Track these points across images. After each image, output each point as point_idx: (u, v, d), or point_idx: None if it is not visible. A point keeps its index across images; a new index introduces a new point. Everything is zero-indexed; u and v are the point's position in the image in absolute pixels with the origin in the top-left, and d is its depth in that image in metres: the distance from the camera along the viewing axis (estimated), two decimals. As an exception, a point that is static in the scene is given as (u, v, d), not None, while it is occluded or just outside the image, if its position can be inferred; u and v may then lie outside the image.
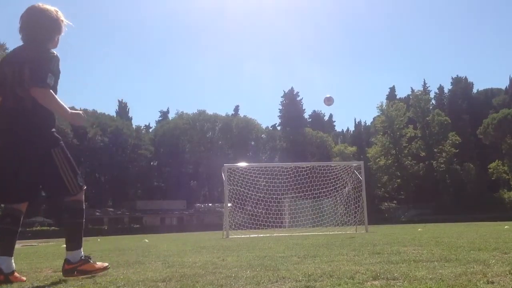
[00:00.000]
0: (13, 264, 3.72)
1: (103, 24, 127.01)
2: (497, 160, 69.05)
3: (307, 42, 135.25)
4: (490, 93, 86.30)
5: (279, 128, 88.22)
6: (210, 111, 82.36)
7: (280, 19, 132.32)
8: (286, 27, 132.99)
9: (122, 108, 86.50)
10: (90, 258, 3.94)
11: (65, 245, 3.94)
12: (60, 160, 3.76)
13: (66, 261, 3.85)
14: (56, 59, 3.72)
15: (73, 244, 3.91)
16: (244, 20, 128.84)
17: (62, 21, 3.91)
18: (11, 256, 3.72)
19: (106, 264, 4.14)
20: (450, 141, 70.48)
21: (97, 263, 4.03)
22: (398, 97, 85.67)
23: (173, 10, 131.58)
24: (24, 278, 3.79)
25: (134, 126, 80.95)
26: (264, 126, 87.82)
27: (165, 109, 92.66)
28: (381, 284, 2.93)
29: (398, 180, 72.41)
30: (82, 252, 3.94)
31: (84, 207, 3.94)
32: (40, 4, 3.85)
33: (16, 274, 3.72)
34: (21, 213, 3.82)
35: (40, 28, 3.79)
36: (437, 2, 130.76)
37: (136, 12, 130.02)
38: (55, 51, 3.81)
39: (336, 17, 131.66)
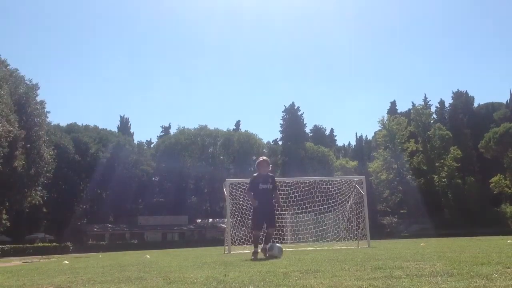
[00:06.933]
0: None
1: (105, 39, 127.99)
2: (499, 174, 68.78)
3: (308, 57, 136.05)
4: (491, 107, 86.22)
5: (280, 143, 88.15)
6: (211, 126, 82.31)
7: (281, 34, 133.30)
8: (288, 42, 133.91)
9: (124, 124, 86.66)
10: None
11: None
12: None
13: None
14: None
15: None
16: (246, 36, 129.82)
17: None
18: None
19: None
20: (452, 155, 70.26)
21: None
22: (399, 111, 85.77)
23: (175, 26, 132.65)
24: None
25: (136, 142, 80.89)
26: (265, 141, 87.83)
27: (166, 125, 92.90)
28: (383, 299, 2.92)
29: (400, 195, 72.14)
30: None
31: None
32: None
33: None
34: None
35: None
36: (438, 16, 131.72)
37: (138, 28, 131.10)
38: None
39: (337, 31, 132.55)
